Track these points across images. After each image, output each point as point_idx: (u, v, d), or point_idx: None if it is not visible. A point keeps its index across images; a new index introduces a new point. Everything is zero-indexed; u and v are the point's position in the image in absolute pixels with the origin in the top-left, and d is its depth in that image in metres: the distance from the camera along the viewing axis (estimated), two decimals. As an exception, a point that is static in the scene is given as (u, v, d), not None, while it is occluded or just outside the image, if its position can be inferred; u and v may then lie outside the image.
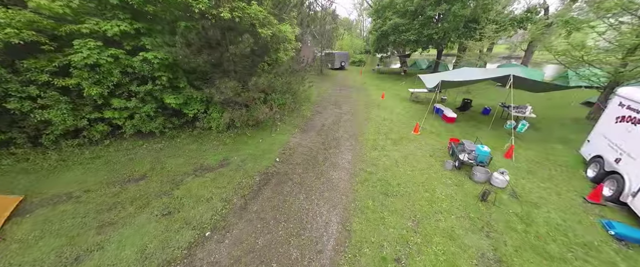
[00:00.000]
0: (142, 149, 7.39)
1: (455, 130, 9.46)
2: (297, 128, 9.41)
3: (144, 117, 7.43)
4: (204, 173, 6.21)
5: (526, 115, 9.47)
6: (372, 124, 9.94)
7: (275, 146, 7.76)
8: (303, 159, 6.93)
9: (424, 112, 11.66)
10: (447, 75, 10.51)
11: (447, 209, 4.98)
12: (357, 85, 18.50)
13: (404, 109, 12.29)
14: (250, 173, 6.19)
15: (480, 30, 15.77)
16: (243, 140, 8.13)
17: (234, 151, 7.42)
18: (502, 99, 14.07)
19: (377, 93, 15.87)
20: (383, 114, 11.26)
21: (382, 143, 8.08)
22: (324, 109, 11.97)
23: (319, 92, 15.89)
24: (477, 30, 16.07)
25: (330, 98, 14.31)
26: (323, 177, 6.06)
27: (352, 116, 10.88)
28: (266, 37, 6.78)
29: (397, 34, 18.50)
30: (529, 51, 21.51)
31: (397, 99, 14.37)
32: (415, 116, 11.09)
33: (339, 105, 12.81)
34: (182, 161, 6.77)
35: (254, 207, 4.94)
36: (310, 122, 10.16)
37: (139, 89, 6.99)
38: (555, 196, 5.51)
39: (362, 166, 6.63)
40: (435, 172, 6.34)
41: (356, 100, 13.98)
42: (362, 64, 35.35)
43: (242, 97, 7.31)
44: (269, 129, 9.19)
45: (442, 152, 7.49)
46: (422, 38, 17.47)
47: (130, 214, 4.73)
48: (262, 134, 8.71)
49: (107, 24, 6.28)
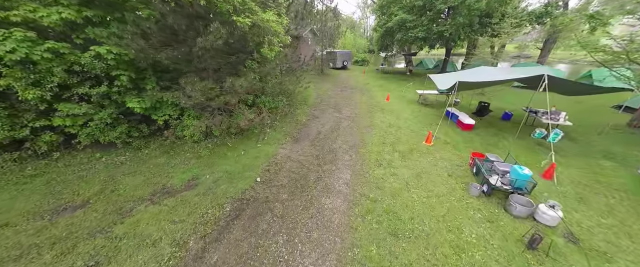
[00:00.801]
0: (99, 163, 6.08)
1: (475, 139, 7.95)
2: (289, 136, 8.00)
3: (101, 124, 6.12)
4: (163, 198, 4.85)
5: (560, 123, 7.91)
6: (376, 131, 8.48)
7: (259, 160, 6.37)
8: (290, 179, 5.53)
9: (435, 117, 10.17)
10: (464, 75, 8.99)
11: (482, 263, 3.52)
12: (360, 86, 17.02)
13: (412, 113, 10.79)
14: (220, 199, 4.81)
15: (497, 25, 14.13)
16: (222, 152, 6.77)
17: (208, 166, 6.05)
18: (522, 102, 12.47)
19: (382, 95, 14.37)
20: (388, 119, 9.79)
21: (389, 157, 6.62)
22: (321, 113, 10.54)
23: (318, 93, 14.47)
24: (493, 26, 14.43)
25: (330, 100, 12.88)
26: (313, 206, 4.64)
27: (353, 122, 9.43)
28: (244, 27, 5.39)
29: (403, 31, 16.94)
30: (545, 49, 19.73)
31: (404, 102, 12.85)
32: (426, 122, 9.59)
33: (339, 108, 11.36)
34: (141, 181, 5.43)
35: (214, 257, 3.56)
36: (304, 128, 8.75)
37: (91, 92, 5.67)
38: (626, 240, 4.00)
39: (363, 189, 5.20)
40: (459, 200, 4.87)
41: (358, 102, 12.52)
42: (365, 63, 33.78)
43: (216, 101, 5.94)
44: (256, 137, 7.80)
45: (463, 171, 6.00)
46: (431, 35, 15.88)
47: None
48: (246, 143, 7.33)
49: (45, 11, 4.97)
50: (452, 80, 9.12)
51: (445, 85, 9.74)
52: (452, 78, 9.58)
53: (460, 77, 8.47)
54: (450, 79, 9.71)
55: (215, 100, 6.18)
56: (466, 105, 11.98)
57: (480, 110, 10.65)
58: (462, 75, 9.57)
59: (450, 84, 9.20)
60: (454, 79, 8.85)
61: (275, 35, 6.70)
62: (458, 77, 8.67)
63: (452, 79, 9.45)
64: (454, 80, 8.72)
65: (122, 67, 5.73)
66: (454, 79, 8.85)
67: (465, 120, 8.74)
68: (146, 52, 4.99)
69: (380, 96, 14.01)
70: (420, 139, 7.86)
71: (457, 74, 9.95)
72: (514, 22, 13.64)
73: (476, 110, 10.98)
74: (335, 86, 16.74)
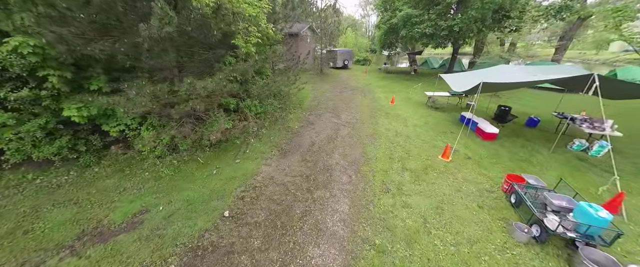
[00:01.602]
0: (30, 187, 4.72)
1: (501, 153, 6.48)
2: (276, 149, 6.59)
3: (31, 137, 4.76)
4: (90, 245, 3.47)
5: (607, 133, 6.40)
6: (381, 142, 7.04)
7: (233, 183, 4.97)
8: (269, 213, 4.12)
9: (448, 123, 8.70)
10: (487, 75, 7.50)
11: None
12: (361, 87, 15.56)
13: (422, 118, 9.32)
14: (167, 248, 3.42)
15: (516, 19, 12.60)
16: (189, 170, 5.38)
17: (166, 191, 4.66)
18: (544, 106, 10.97)
19: (385, 96, 12.91)
20: (395, 126, 8.33)
21: (398, 178, 5.19)
22: (317, 118, 9.11)
23: (315, 94, 13.05)
24: (511, 20, 12.90)
25: (328, 102, 11.44)
26: (295, 262, 3.23)
27: (354, 129, 7.99)
28: (203, 10, 3.97)
29: (408, 27, 15.44)
30: (561, 47, 18.11)
31: (410, 105, 11.38)
32: (438, 129, 8.13)
33: (337, 112, 9.93)
34: (71, 214, 4.06)
35: None
36: (296, 138, 7.33)
37: (9, 96, 4.30)
38: None
39: (366, 230, 3.77)
40: (501, 250, 3.43)
41: (360, 105, 11.07)
42: (367, 62, 32.27)
43: (179, 108, 4.54)
44: (237, 149, 6.41)
45: (495, 199, 4.55)
46: (439, 31, 14.35)
47: None
48: (222, 159, 5.93)
49: None
50: (471, 81, 7.66)
51: (462, 86, 8.27)
52: (471, 78, 8.11)
53: (483, 76, 6.99)
54: (468, 80, 8.25)
55: (180, 107, 4.78)
56: (482, 109, 10.48)
57: (500, 116, 9.15)
58: (484, 75, 8.09)
59: (468, 85, 7.74)
60: (474, 79, 7.39)
61: (251, 22, 5.28)
62: (481, 77, 7.20)
63: (471, 79, 7.99)
64: (474, 81, 7.27)
65: (51, 65, 4.35)
66: (474, 79, 7.39)
67: (487, 129, 7.27)
68: (70, 43, 3.60)
69: (384, 98, 12.54)
70: (434, 152, 6.42)
71: (477, 74, 8.47)
72: (536, 15, 12.09)
73: (495, 115, 9.48)
74: (334, 87, 15.30)
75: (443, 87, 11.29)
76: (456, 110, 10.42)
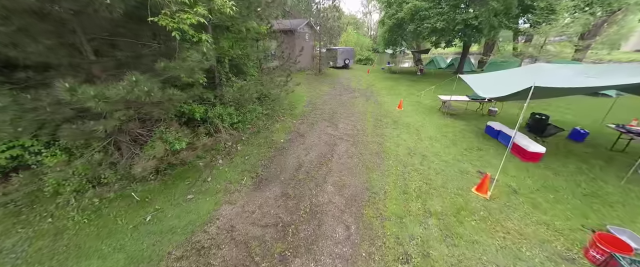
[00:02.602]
0: None
1: (556, 182, 4.67)
2: (249, 174, 4.84)
3: None
4: None
5: None
6: (391, 164, 5.26)
7: (169, 241, 3.23)
8: (206, 315, 2.39)
9: (471, 135, 6.90)
10: (528, 76, 5.66)
11: None
12: (364, 88, 13.78)
13: (438, 128, 7.53)
14: None
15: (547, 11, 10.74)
16: (113, 215, 3.64)
17: (59, 261, 2.95)
18: (586, 111, 9.12)
19: (391, 100, 11.12)
20: (406, 140, 6.55)
21: (420, 231, 3.42)
22: (310, 128, 7.34)
23: (311, 97, 11.29)
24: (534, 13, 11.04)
25: (325, 107, 9.67)
26: None
27: (354, 144, 6.21)
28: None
29: (417, 21, 13.60)
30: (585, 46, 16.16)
31: (421, 110, 9.58)
32: (461, 144, 6.33)
33: (335, 120, 8.15)
34: None
35: None
36: (279, 157, 5.57)
37: None
38: None
39: None
40: None
41: (362, 111, 9.29)
42: (370, 62, 30.44)
43: (88, 127, 2.80)
44: (195, 176, 4.67)
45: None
46: (452, 26, 12.49)
47: None
48: (169, 192, 4.19)
49: None
50: (504, 83, 5.88)
51: (490, 89, 6.48)
52: (504, 80, 6.33)
53: (534, 76, 5.16)
54: (499, 82, 6.46)
55: (102, 123, 3.03)
56: (506, 116, 8.67)
57: (536, 126, 7.33)
58: (518, 75, 6.27)
59: (499, 88, 5.95)
60: (508, 81, 5.62)
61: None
62: (522, 79, 5.40)
63: (504, 81, 6.21)
64: (510, 83, 5.49)
65: None
66: (508, 81, 5.62)
67: (530, 147, 5.45)
68: None
69: (389, 102, 10.75)
70: (464, 181, 4.63)
71: (508, 75, 6.65)
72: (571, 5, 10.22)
73: (528, 125, 7.66)
74: (333, 88, 13.52)
75: (461, 89, 9.50)
76: (477, 118, 8.61)
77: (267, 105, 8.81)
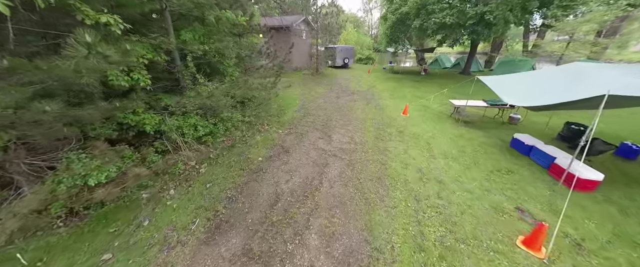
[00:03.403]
0: None
1: (628, 226, 3.32)
2: (205, 213, 3.50)
3: None
4: None
5: None
6: (398, 197, 3.91)
7: None
8: None
9: (494, 150, 5.53)
10: (593, 78, 4.26)
11: None
12: (363, 90, 12.41)
13: (452, 141, 6.17)
14: None
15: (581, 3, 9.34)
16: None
17: None
18: (618, 121, 7.76)
19: (394, 104, 9.75)
20: (415, 158, 5.20)
21: None
22: (298, 141, 6.00)
23: (304, 100, 9.94)
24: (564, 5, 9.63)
25: (319, 113, 8.32)
26: None
27: (350, 165, 4.86)
28: None
29: (423, 16, 12.18)
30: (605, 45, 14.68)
31: (429, 116, 8.21)
32: (485, 164, 4.98)
33: (329, 129, 6.81)
34: None
35: None
36: (251, 184, 4.23)
37: None
38: None
39: None
40: None
41: (361, 118, 7.93)
42: (371, 61, 29.01)
43: None
44: (129, 216, 3.34)
45: None
46: (463, 21, 11.06)
47: None
48: (76, 251, 2.86)
49: None
50: (551, 90, 4.55)
51: (524, 97, 5.13)
52: (546, 85, 4.99)
53: (581, 80, 3.80)
54: (537, 86, 5.13)
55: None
56: (532, 125, 7.31)
57: (571, 139, 5.96)
58: (570, 77, 4.87)
59: (541, 97, 4.61)
60: (561, 87, 4.30)
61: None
62: (575, 83, 4.05)
63: (547, 86, 4.87)
64: (558, 89, 4.16)
65: None
66: (561, 87, 4.30)
67: (585, 174, 4.07)
68: None
69: (392, 107, 9.38)
70: (501, 226, 3.29)
71: (555, 77, 5.26)
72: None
73: (561, 136, 6.30)
74: (330, 90, 12.16)
75: (476, 92, 8.12)
76: (496, 127, 7.25)
77: (250, 110, 7.48)
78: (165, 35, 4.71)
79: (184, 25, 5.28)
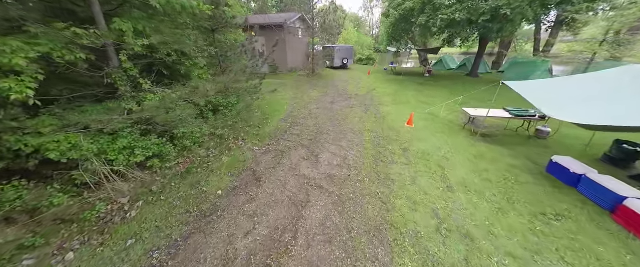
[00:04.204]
0: None
1: None
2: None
3: None
4: None
5: None
6: (407, 266, 2.60)
7: None
8: None
9: (527, 176, 4.11)
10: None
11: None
12: (362, 94, 11.07)
13: (472, 164, 4.83)
14: None
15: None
16: None
17: None
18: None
19: (397, 111, 8.41)
20: (428, 192, 3.87)
21: None
22: (276, 164, 4.67)
23: (295, 106, 8.62)
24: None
25: (308, 123, 7.00)
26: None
27: (340, 205, 3.54)
28: None
29: (429, 12, 10.82)
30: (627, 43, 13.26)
31: (439, 127, 6.87)
32: (522, 201, 3.64)
33: (316, 147, 5.47)
34: None
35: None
36: (195, 237, 2.92)
37: None
38: None
39: None
40: None
41: (358, 129, 6.60)
42: (371, 61, 27.62)
43: None
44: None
45: None
46: (476, 17, 9.68)
47: None
48: None
49: None
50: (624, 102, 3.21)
51: (579, 112, 3.81)
52: (615, 95, 3.65)
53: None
54: (598, 97, 3.80)
55: None
56: (563, 140, 5.96)
57: (624, 161, 4.61)
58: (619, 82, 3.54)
59: (613, 114, 3.28)
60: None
61: None
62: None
63: (618, 96, 3.54)
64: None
65: None
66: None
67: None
68: None
69: (395, 114, 8.04)
70: None
71: (622, 84, 3.92)
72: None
73: (608, 157, 4.94)
74: (325, 94, 10.82)
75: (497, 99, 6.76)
76: (522, 142, 5.91)
77: (226, 120, 6.18)
78: (92, 25, 3.40)
79: (124, 12, 3.98)
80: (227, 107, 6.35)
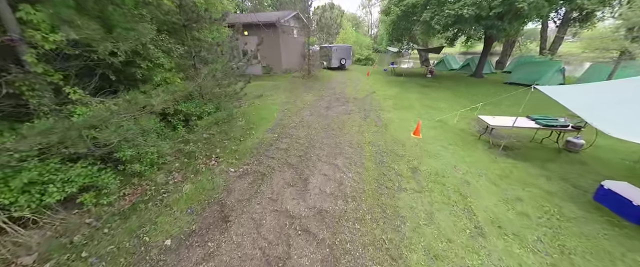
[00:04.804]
0: None
1: None
2: None
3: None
4: None
5: None
6: None
7: None
8: None
9: (571, 207, 3.00)
10: None
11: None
12: (361, 97, 10.07)
13: (500, 190, 3.84)
14: None
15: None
16: None
17: None
18: None
19: (400, 118, 7.41)
20: (449, 236, 2.88)
21: None
22: (252, 194, 3.65)
23: (285, 112, 7.60)
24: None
25: (299, 134, 5.98)
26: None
27: (329, 262, 2.55)
28: None
29: (434, 7, 9.83)
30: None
31: (450, 137, 5.87)
32: (579, 250, 2.65)
33: (306, 167, 4.46)
34: None
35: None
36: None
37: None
38: None
39: None
40: None
41: (356, 142, 5.58)
42: (370, 62, 26.64)
43: None
44: None
45: None
46: (486, 12, 8.68)
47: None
48: None
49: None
50: None
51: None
52: None
53: None
54: None
55: None
56: (598, 153, 4.98)
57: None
58: None
59: None
60: None
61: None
62: None
63: None
64: None
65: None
66: None
67: None
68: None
69: (398, 121, 7.04)
70: None
71: None
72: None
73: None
74: (321, 98, 9.81)
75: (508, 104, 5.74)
76: (549, 156, 4.92)
77: (197, 132, 5.17)
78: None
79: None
80: (201, 116, 5.34)
